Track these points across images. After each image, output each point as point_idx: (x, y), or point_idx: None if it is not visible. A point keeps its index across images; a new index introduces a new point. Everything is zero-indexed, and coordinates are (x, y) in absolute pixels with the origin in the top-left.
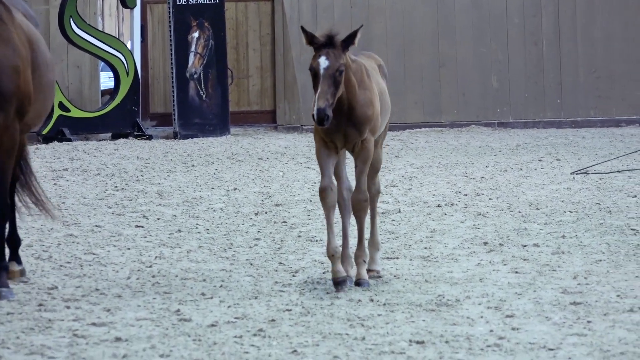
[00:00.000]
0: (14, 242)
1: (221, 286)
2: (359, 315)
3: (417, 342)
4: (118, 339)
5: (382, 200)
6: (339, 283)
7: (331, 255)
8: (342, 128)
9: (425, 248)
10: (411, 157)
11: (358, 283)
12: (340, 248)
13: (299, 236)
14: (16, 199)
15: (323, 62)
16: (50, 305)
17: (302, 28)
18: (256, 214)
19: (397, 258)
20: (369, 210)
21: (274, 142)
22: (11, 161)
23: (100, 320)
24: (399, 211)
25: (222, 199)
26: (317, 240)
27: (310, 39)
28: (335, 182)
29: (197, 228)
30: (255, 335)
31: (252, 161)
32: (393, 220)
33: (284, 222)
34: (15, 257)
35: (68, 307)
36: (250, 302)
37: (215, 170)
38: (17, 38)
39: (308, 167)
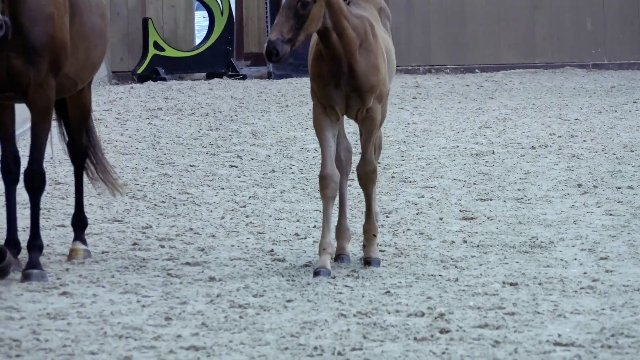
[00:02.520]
0: (80, 222)
1: (315, 227)
2: (452, 257)
3: (511, 284)
4: (212, 279)
5: (476, 142)
6: (318, 274)
7: (323, 249)
8: (342, 92)
9: (519, 190)
10: (505, 98)
11: (368, 261)
12: (334, 242)
13: (393, 177)
14: (85, 175)
15: None
16: (144, 244)
17: None
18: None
19: (491, 199)
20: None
21: None
22: (47, 124)
23: (194, 259)
24: (493, 152)
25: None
26: (410, 182)
27: None
28: (337, 171)
29: (290, 168)
30: (348, 275)
31: None
32: (487, 161)
33: (378, 162)
34: (80, 237)
35: (162, 247)
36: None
37: (309, 111)
38: None
39: (402, 108)
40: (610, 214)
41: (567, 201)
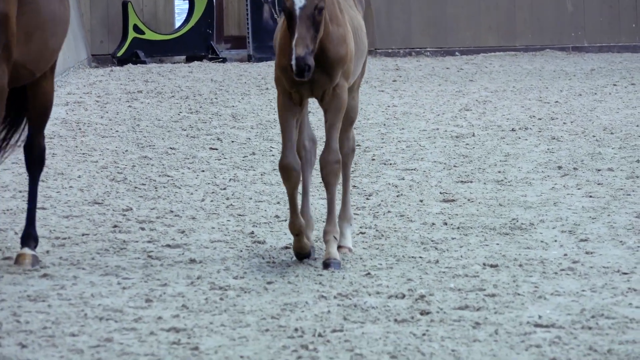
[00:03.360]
0: (30, 237)
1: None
2: (432, 239)
3: (491, 266)
4: (192, 261)
5: (456, 124)
6: (304, 257)
7: (295, 233)
8: None
9: (499, 172)
10: (485, 81)
11: (327, 264)
12: (304, 224)
13: (373, 159)
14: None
15: (298, 0)
16: (125, 226)
17: None
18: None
19: (471, 182)
20: (341, 175)
21: None
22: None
23: (174, 242)
24: (473, 135)
25: None
26: (391, 164)
27: None
28: (298, 159)
29: (271, 151)
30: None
31: None
32: (467, 144)
33: (358, 145)
34: (29, 245)
35: (143, 229)
36: (323, 225)
37: None
38: None
39: (382, 91)
40: (590, 196)
41: (547, 183)
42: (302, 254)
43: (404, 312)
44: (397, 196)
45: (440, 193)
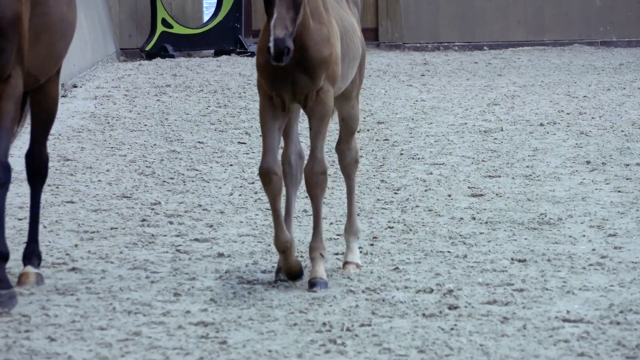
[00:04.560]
0: (33, 255)
1: (323, 203)
2: (460, 233)
3: (519, 261)
4: (220, 255)
5: (485, 119)
6: (296, 277)
7: (282, 251)
8: (289, 74)
9: (528, 166)
10: (514, 75)
11: (312, 283)
12: (292, 239)
13: (401, 154)
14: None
15: None
16: (153, 220)
17: None
18: (358, 132)
19: (499, 176)
20: (350, 184)
21: (375, 59)
22: (16, 113)
23: (202, 236)
24: (501, 129)
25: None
26: (419, 158)
27: None
28: (280, 162)
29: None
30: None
31: None
32: (495, 138)
33: (386, 139)
34: (33, 263)
35: (171, 223)
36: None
37: None
38: None
39: (410, 85)
40: (619, 191)
41: (575, 178)
42: (293, 273)
43: (432, 306)
44: (425, 191)
45: (469, 188)
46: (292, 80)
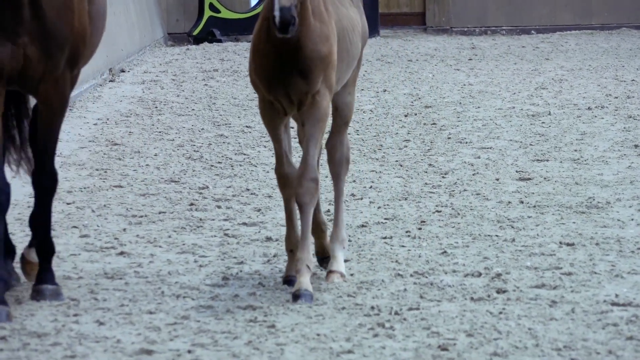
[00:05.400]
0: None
1: (371, 187)
2: (508, 217)
3: (567, 244)
4: (268, 239)
5: (532, 103)
6: (298, 297)
7: (290, 250)
8: (285, 76)
9: (576, 150)
10: (561, 59)
11: (296, 295)
12: None
13: (449, 138)
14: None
15: None
16: (201, 204)
17: None
18: (406, 116)
19: (547, 160)
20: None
21: (423, 44)
22: (59, 122)
23: (250, 220)
24: (549, 113)
25: (371, 101)
26: (466, 142)
27: None
28: (293, 163)
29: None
30: (404, 236)
31: (401, 63)
32: (543, 122)
33: (434, 123)
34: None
35: (219, 207)
36: (400, 204)
37: (365, 72)
38: None
39: (458, 69)
40: None
41: (623, 162)
42: (291, 278)
43: (481, 290)
44: (473, 174)
45: (516, 171)
46: (288, 82)
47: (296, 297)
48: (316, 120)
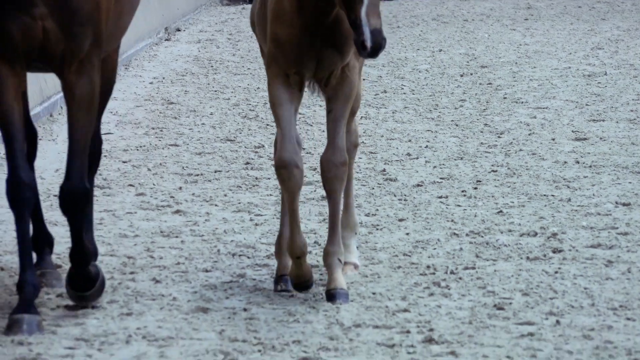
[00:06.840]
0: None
1: (427, 147)
2: (564, 177)
3: (623, 204)
4: (324, 198)
5: (589, 63)
6: (305, 287)
7: (296, 256)
8: (316, 48)
9: (632, 111)
10: (617, 19)
11: (331, 294)
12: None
13: (505, 98)
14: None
15: None
16: (257, 163)
17: None
18: (461, 76)
19: (604, 120)
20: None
21: (479, 4)
22: (90, 117)
23: (306, 178)
24: (605, 74)
25: (427, 60)
26: (522, 102)
27: None
28: (299, 152)
29: (402, 89)
30: (460, 195)
31: (457, 23)
32: (599, 82)
33: (490, 83)
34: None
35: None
36: (455, 163)
37: (421, 32)
38: None
39: (513, 29)
40: None
41: None
42: (303, 282)
43: (536, 250)
44: (529, 134)
45: (572, 131)
46: (318, 54)
47: (332, 296)
48: (346, 98)
